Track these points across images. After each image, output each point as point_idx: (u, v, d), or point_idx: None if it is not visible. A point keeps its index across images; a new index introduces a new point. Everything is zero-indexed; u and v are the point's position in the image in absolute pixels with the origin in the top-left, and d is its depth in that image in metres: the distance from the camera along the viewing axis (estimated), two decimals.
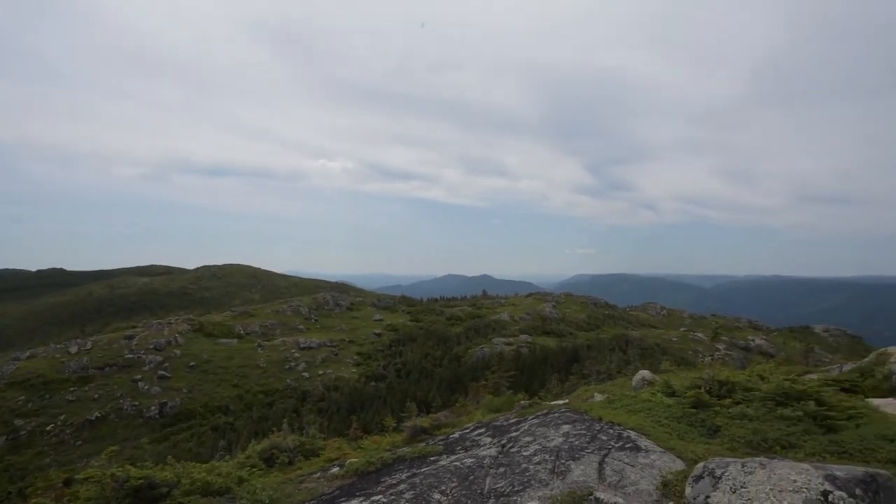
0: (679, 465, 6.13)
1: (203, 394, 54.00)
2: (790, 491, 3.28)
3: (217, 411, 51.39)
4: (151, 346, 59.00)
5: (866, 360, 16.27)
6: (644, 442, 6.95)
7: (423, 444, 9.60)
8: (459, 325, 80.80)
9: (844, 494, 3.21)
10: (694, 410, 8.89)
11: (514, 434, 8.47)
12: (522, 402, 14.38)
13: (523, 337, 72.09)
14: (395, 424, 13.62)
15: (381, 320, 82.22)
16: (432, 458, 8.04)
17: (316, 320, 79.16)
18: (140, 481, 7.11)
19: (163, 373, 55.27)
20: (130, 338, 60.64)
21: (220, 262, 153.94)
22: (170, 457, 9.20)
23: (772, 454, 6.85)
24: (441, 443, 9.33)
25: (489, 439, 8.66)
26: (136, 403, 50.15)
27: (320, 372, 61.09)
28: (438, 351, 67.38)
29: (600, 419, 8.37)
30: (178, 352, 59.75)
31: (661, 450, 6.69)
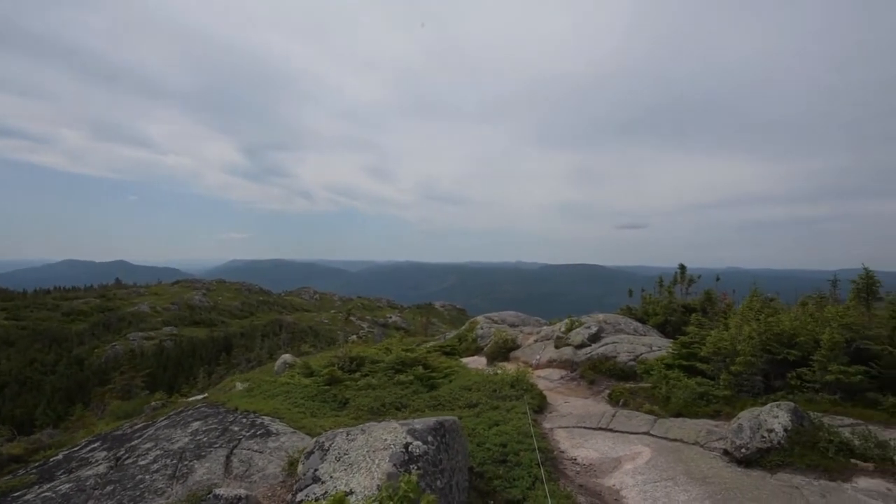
0: (308, 442, 6.43)
1: None
2: (381, 449, 3.78)
3: None
4: None
5: (463, 327, 20.56)
6: (277, 426, 7.04)
7: (10, 476, 7.50)
8: (83, 322, 66.84)
9: (420, 443, 3.87)
10: (328, 387, 9.53)
11: (136, 442, 7.42)
12: (154, 403, 12.85)
13: (168, 329, 64.81)
14: None
15: None
16: (16, 495, 6.34)
17: None
18: None
19: None
20: None
21: None
22: None
23: (386, 416, 7.91)
24: (36, 471, 7.45)
25: (104, 454, 7.35)
26: None
27: None
28: (51, 355, 54.21)
29: (236, 409, 8.11)
30: None
31: (293, 430, 6.91)
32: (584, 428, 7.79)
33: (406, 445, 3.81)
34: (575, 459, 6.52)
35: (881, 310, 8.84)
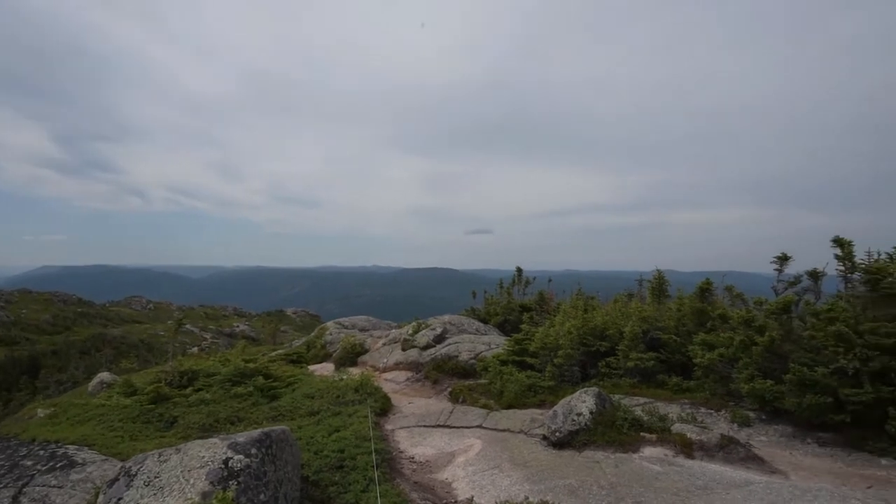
0: None
1: None
2: (198, 468, 3.57)
3: None
4: None
5: (312, 334, 20.03)
6: (84, 455, 6.25)
7: None
8: None
9: (242, 456, 3.73)
10: (153, 406, 8.69)
11: None
12: None
13: None
14: None
15: None
16: None
17: None
18: None
19: None
20: None
21: None
22: None
23: (220, 433, 7.44)
24: None
25: None
26: None
27: None
28: None
29: (33, 441, 7.04)
30: None
31: (104, 458, 6.19)
32: (425, 426, 8.08)
33: (226, 461, 3.65)
34: (413, 458, 6.74)
35: (672, 303, 10.44)
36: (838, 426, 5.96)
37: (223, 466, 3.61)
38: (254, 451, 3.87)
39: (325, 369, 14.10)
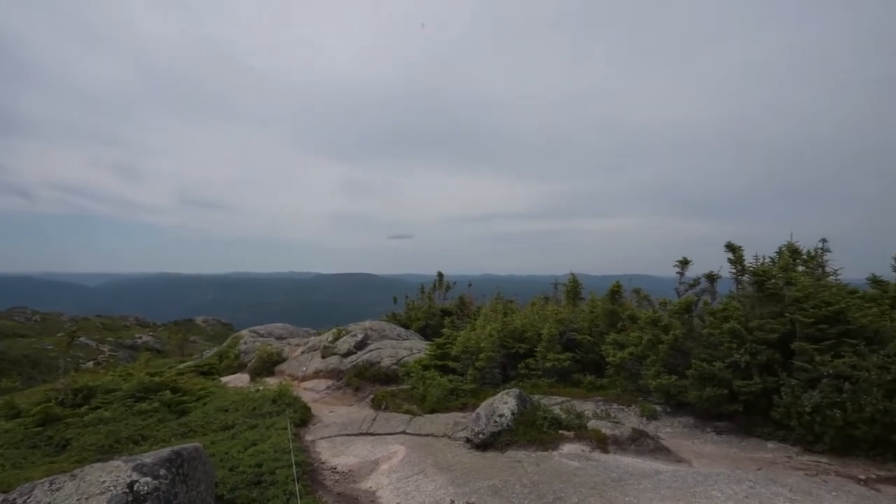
0: None
1: None
2: (98, 494, 3.27)
3: None
4: None
5: (225, 343, 19.03)
6: None
7: None
8: None
9: (150, 479, 3.46)
10: (41, 429, 7.87)
11: None
12: None
13: None
14: None
15: None
16: None
17: None
18: None
19: None
20: None
21: None
22: None
23: (121, 453, 6.86)
24: None
25: None
26: None
27: None
28: None
29: None
30: None
31: None
32: (347, 435, 7.91)
33: (130, 485, 3.36)
34: (335, 468, 6.56)
35: (586, 306, 10.94)
36: (732, 415, 6.52)
37: (128, 491, 3.32)
38: (163, 471, 3.59)
39: (239, 380, 13.43)
